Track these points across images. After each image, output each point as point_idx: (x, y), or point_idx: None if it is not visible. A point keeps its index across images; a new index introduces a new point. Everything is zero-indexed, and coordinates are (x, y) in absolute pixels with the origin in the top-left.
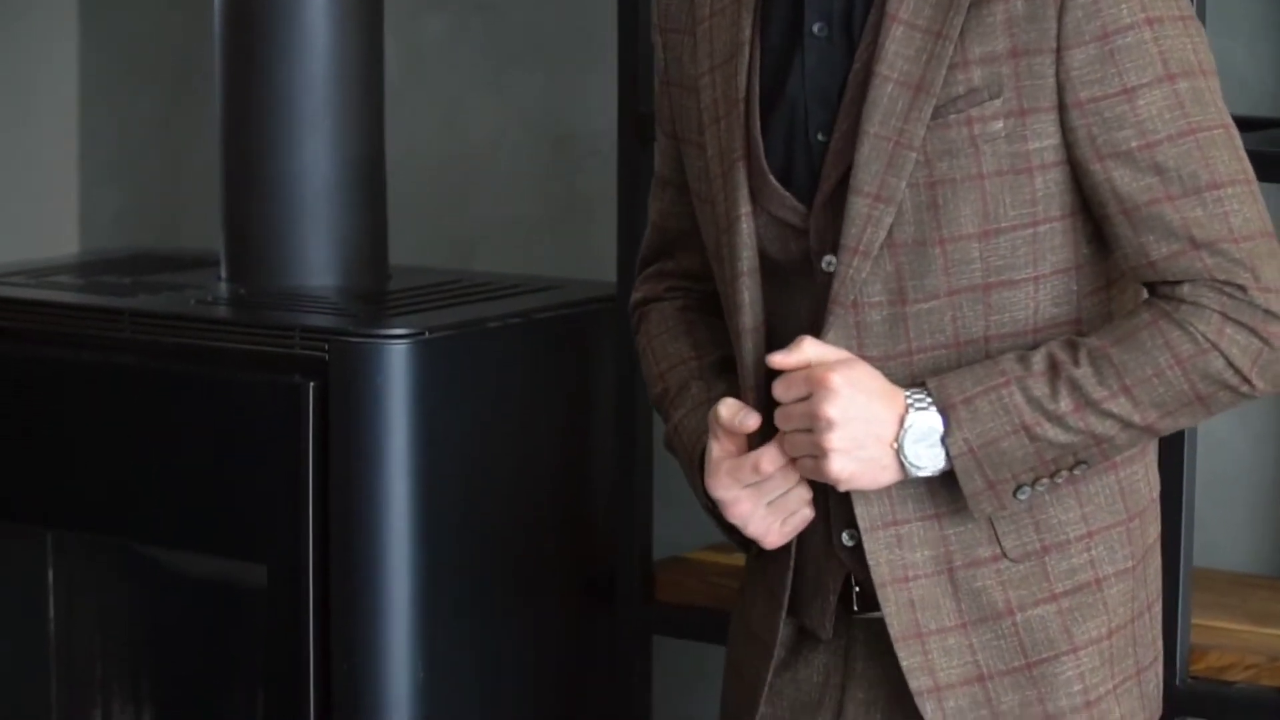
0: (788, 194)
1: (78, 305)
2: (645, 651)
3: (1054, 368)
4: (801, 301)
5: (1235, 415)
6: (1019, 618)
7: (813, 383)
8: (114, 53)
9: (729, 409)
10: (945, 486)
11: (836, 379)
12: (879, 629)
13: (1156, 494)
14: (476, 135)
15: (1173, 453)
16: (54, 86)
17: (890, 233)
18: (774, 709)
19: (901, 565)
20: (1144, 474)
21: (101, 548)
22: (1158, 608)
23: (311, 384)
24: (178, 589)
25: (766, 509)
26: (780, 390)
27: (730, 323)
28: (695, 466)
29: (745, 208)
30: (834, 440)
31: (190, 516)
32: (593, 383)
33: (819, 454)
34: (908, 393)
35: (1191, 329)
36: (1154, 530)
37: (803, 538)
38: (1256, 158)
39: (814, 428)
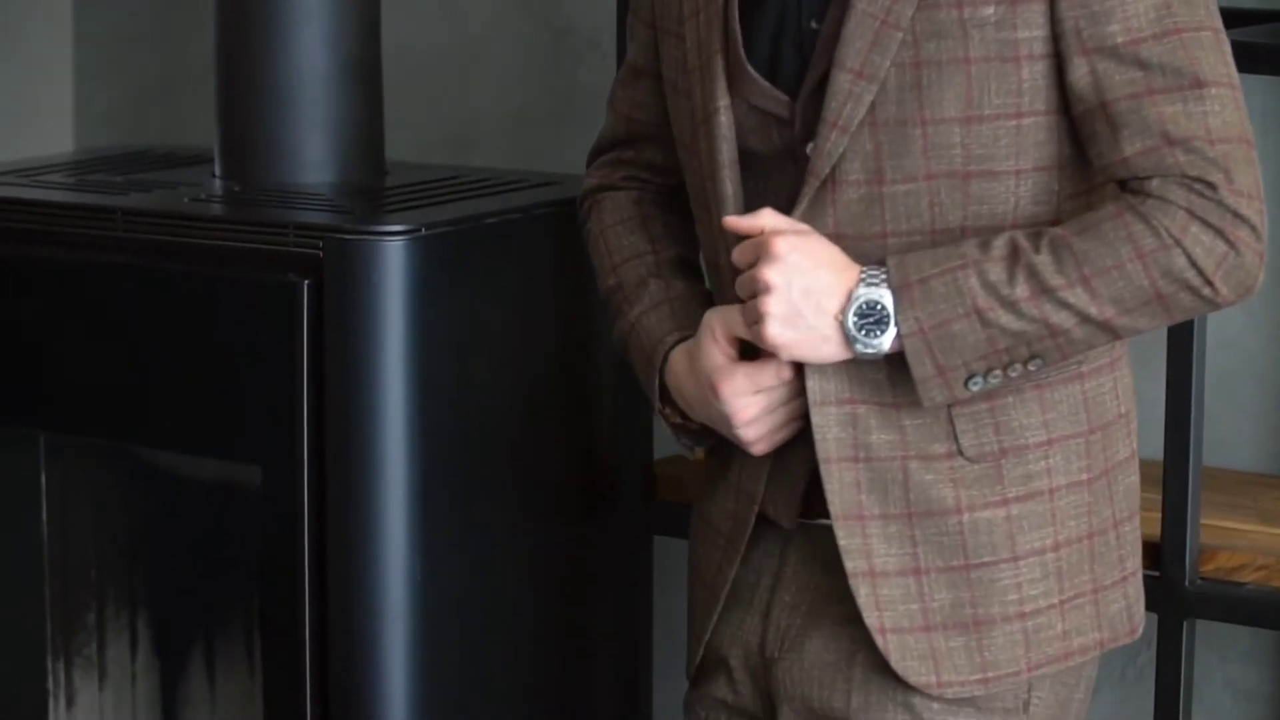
0: (768, 84)
1: (69, 204)
2: (646, 551)
3: (1014, 253)
4: (783, 191)
5: (1244, 312)
6: (965, 518)
7: (760, 247)
8: None
9: (742, 320)
10: (905, 378)
11: (782, 244)
12: (815, 534)
13: (1126, 410)
14: (474, 28)
15: (1181, 350)
16: None
17: (873, 111)
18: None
19: (852, 445)
20: (1112, 387)
21: (95, 450)
22: (1128, 528)
23: (306, 282)
24: (172, 490)
25: (769, 415)
26: (736, 255)
27: (710, 217)
28: (656, 366)
29: (724, 100)
30: (772, 304)
31: (183, 417)
32: (592, 279)
33: (757, 318)
34: (863, 268)
35: (1156, 223)
36: (1124, 448)
37: None
38: (1251, 50)
39: (756, 291)
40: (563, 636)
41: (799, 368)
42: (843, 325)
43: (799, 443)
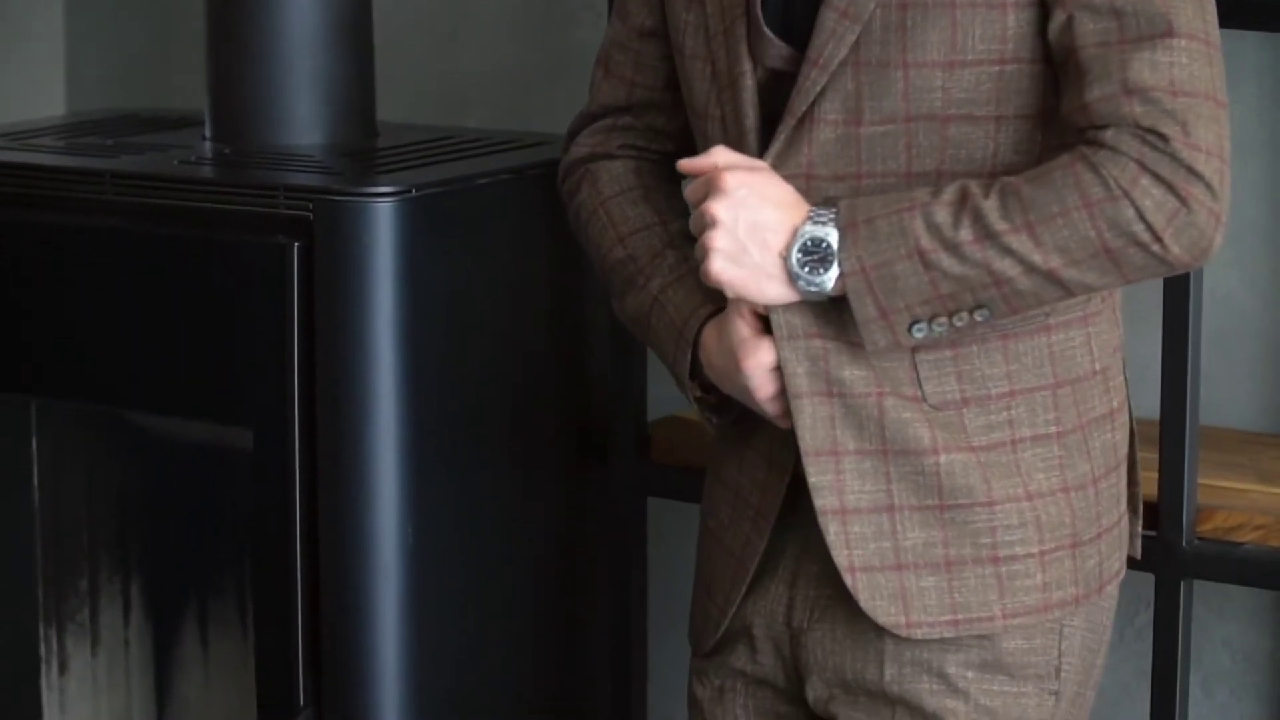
0: (781, 41)
1: (58, 168)
2: (640, 512)
3: (963, 198)
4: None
5: (1240, 270)
6: (942, 458)
7: (709, 183)
8: None
9: None
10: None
11: (731, 179)
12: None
13: (1103, 366)
14: None
15: (1177, 309)
16: None
17: (856, 51)
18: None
19: (825, 379)
20: (1084, 342)
21: (86, 415)
22: (1105, 484)
23: (296, 244)
24: (163, 455)
25: None
26: (688, 193)
27: None
28: (688, 340)
29: (747, 64)
30: (717, 239)
31: (174, 381)
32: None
33: (701, 255)
34: (812, 207)
35: (1105, 172)
36: (1100, 403)
37: None
38: (1242, 5)
39: (702, 227)
40: (557, 599)
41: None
42: (786, 262)
43: None
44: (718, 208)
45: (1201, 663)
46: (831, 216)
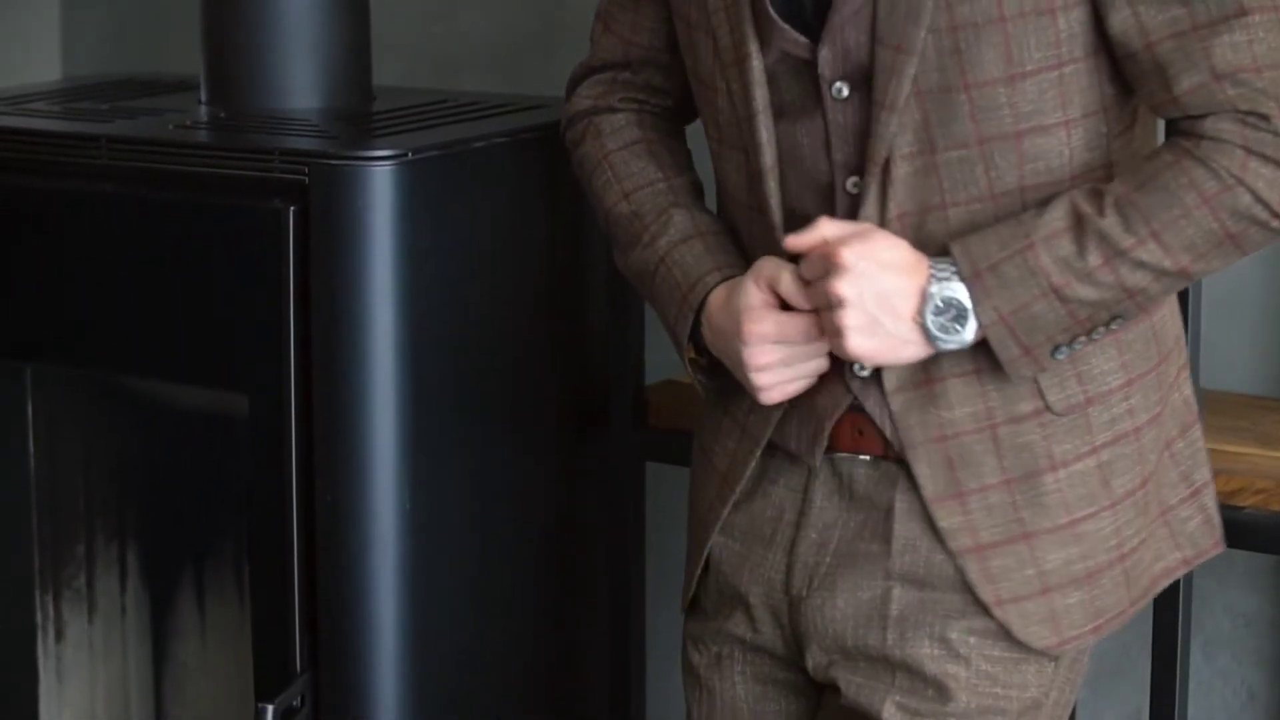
0: (789, 28)
1: (54, 132)
2: (638, 477)
3: (1079, 222)
4: (806, 134)
5: None
6: (1062, 474)
7: (827, 260)
8: None
9: (795, 280)
10: (983, 343)
11: (848, 255)
12: (842, 469)
13: (1179, 330)
14: None
15: None
16: None
17: (915, 81)
18: (726, 538)
19: (937, 424)
20: (1171, 314)
21: (81, 381)
22: (1182, 444)
23: (292, 208)
24: (159, 420)
25: (784, 368)
26: (805, 271)
27: (744, 158)
28: (693, 303)
29: (754, 45)
30: (847, 318)
31: (169, 346)
32: (582, 204)
33: (836, 332)
34: (932, 262)
35: (1215, 165)
36: (1174, 368)
37: None
38: None
39: (829, 305)
40: (555, 563)
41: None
42: (922, 326)
43: (830, 381)
44: (841, 286)
45: (1202, 628)
46: (953, 270)
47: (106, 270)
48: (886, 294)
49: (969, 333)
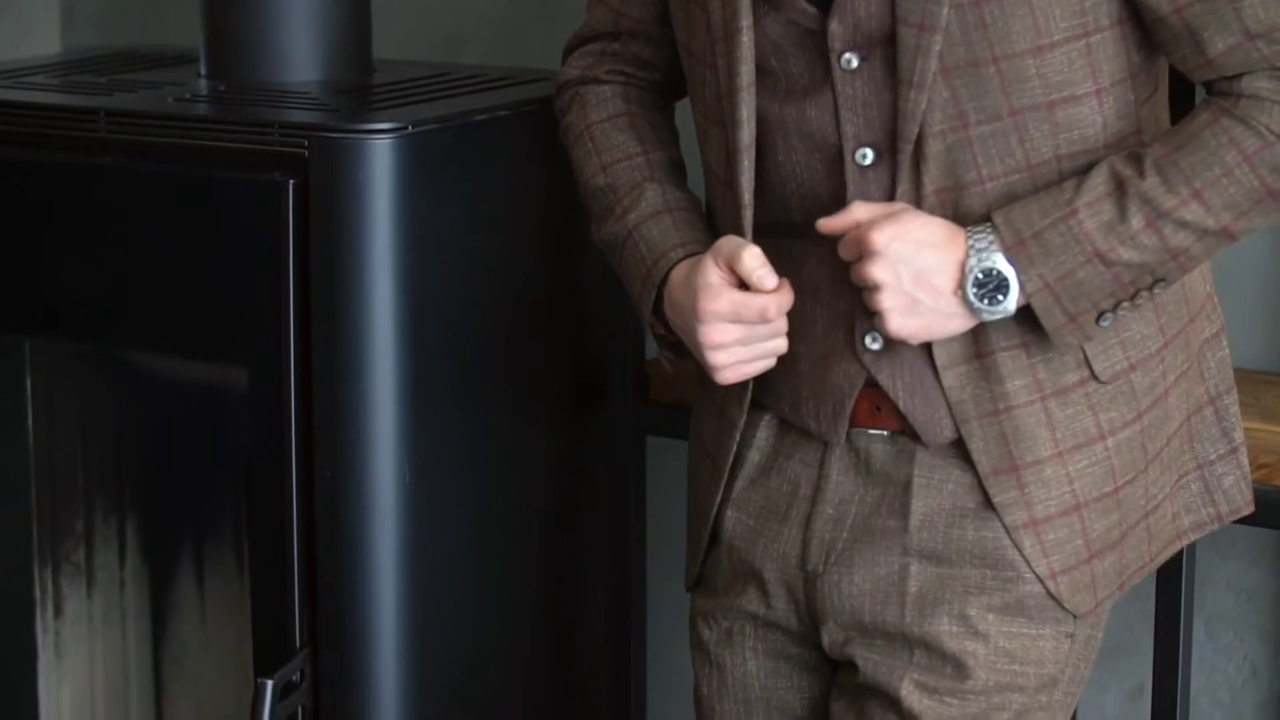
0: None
1: (53, 105)
2: (639, 452)
3: (1120, 186)
4: (813, 106)
5: None
6: (1110, 442)
7: (860, 244)
8: None
9: (754, 258)
10: (1028, 314)
11: (879, 237)
12: (859, 444)
13: (1211, 288)
14: None
15: None
16: None
17: (942, 58)
18: (740, 513)
19: (989, 398)
20: (1200, 272)
21: (80, 354)
22: (1229, 399)
23: (291, 181)
24: (158, 394)
25: (741, 347)
26: (841, 252)
27: (721, 132)
28: (655, 279)
29: (746, 20)
30: (885, 301)
31: (168, 319)
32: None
33: (876, 314)
34: (969, 232)
35: (1255, 122)
36: (1209, 326)
37: (811, 338)
38: None
39: (866, 288)
40: (555, 537)
41: (792, 312)
42: (964, 299)
43: (842, 357)
44: (876, 270)
45: (1205, 604)
46: (991, 239)
47: (105, 244)
48: (923, 272)
49: (1011, 302)
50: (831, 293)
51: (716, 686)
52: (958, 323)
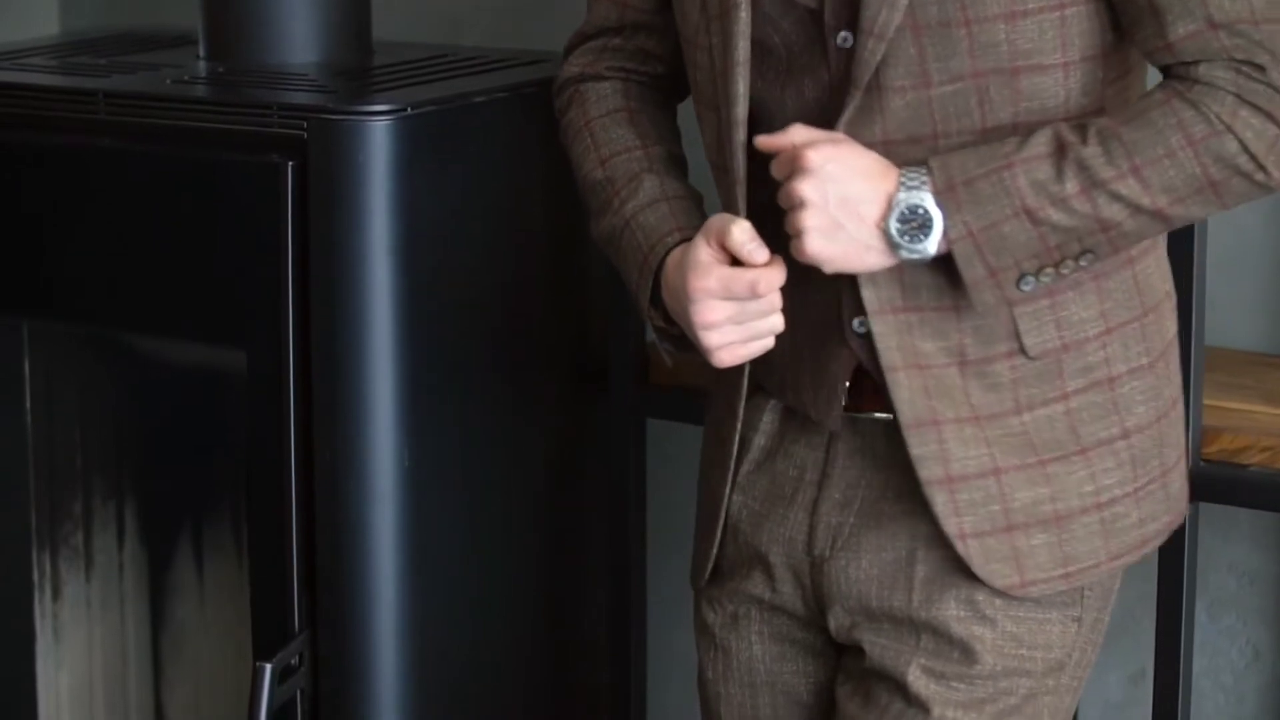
0: None
1: (51, 87)
2: (639, 435)
3: (1061, 148)
4: (808, 86)
5: None
6: (1026, 417)
7: (794, 162)
8: None
9: (743, 232)
10: (959, 280)
11: (815, 156)
12: (864, 428)
13: (1170, 288)
14: None
15: (1182, 229)
16: None
17: (912, 14)
18: (745, 498)
19: (914, 352)
20: (1156, 267)
21: (78, 337)
22: (1180, 406)
23: (290, 163)
24: (157, 377)
25: (736, 326)
26: (774, 171)
27: (716, 116)
28: (651, 266)
29: None
30: (807, 219)
31: (167, 302)
32: None
33: (796, 233)
34: (902, 171)
35: (1205, 109)
36: (1170, 326)
37: (808, 324)
38: None
39: (790, 206)
40: (555, 520)
41: (786, 287)
42: (885, 232)
43: (834, 341)
44: (805, 187)
45: (1207, 587)
46: (924, 179)
47: (104, 226)
48: (851, 198)
49: (932, 244)
50: (825, 276)
51: (721, 670)
52: (875, 257)
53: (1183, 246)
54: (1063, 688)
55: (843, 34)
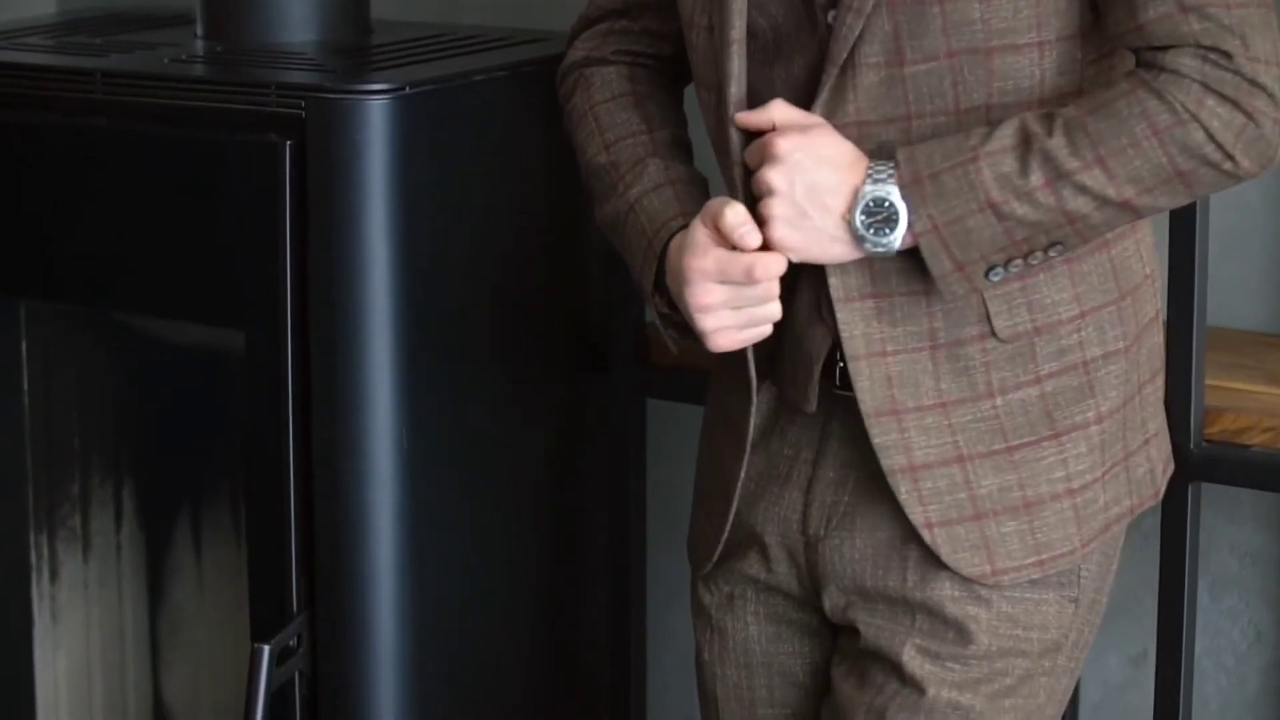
0: None
1: (47, 67)
2: (639, 415)
3: (1026, 140)
4: (798, 66)
5: None
6: (999, 400)
7: (763, 149)
8: None
9: (736, 215)
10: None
11: (784, 144)
12: (855, 408)
13: (1151, 270)
14: None
15: (1184, 209)
16: None
17: None
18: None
19: (879, 339)
20: (1135, 250)
21: (76, 317)
22: (1150, 389)
23: (288, 143)
24: (155, 357)
25: (732, 311)
26: (747, 157)
27: (713, 97)
28: (656, 250)
29: None
30: (775, 206)
31: (165, 282)
32: None
33: (764, 221)
34: (871, 163)
35: (1170, 98)
36: (1149, 308)
37: (798, 306)
38: None
39: (759, 194)
40: (555, 501)
41: (787, 275)
42: (850, 224)
43: (809, 325)
44: (773, 175)
45: (1209, 567)
46: (890, 172)
47: (101, 206)
48: (817, 188)
49: (897, 238)
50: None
51: (718, 651)
52: (840, 248)
53: (1184, 226)
54: (1060, 669)
55: (832, 12)
